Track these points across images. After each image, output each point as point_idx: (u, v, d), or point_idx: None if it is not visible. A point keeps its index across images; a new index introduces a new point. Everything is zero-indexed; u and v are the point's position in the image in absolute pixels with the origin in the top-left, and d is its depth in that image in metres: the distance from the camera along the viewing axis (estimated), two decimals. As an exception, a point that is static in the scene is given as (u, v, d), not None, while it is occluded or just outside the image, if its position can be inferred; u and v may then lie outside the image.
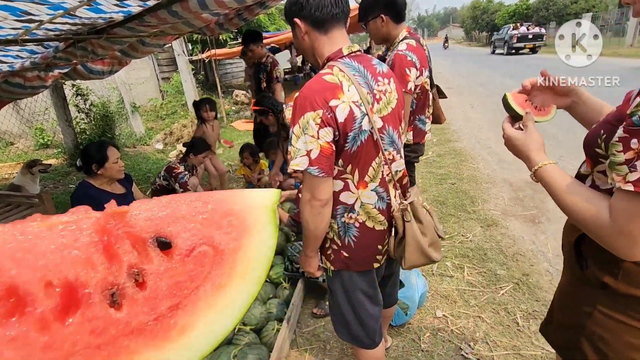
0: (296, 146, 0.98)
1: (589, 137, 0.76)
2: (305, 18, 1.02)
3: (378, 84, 1.09)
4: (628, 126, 0.60)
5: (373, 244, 1.15)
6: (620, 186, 0.61)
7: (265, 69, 3.73)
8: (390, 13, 1.81)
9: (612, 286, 0.75)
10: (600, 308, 0.78)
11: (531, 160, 0.79)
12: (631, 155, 0.59)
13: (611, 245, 0.66)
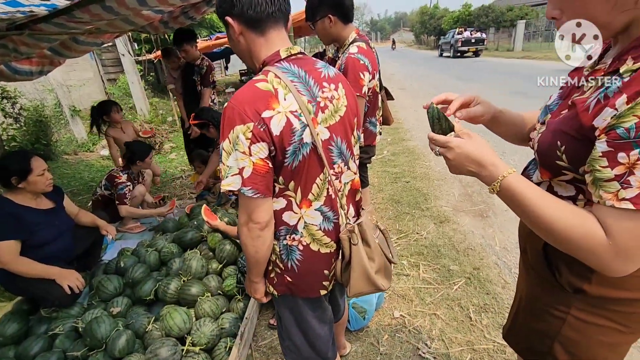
0: (227, 164, 0.87)
1: (543, 149, 0.72)
2: (238, 17, 0.92)
3: (323, 91, 0.98)
4: (613, 140, 0.56)
5: (318, 268, 1.06)
6: (613, 204, 0.57)
7: (200, 72, 3.53)
8: (338, 13, 1.79)
9: (587, 290, 0.74)
10: (574, 313, 0.77)
11: (491, 170, 0.68)
12: (622, 170, 0.55)
13: (604, 264, 0.61)
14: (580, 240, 0.61)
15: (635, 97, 0.54)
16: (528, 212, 0.65)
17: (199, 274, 2.07)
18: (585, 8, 0.59)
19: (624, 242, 0.57)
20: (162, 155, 5.87)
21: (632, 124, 0.53)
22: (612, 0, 0.57)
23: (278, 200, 0.97)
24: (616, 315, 0.74)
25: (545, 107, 0.84)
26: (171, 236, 2.57)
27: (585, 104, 0.64)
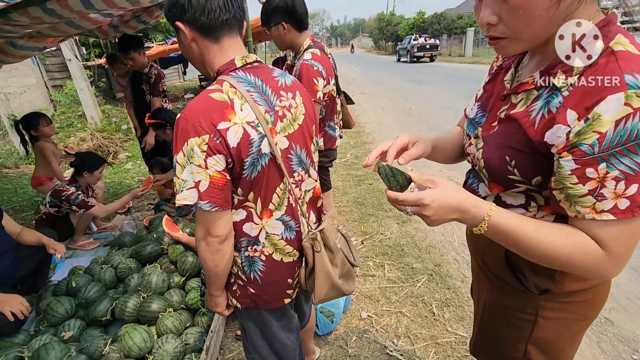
0: (181, 177, 0.84)
1: (493, 165, 0.71)
2: (190, 23, 0.88)
3: (280, 100, 0.97)
4: (579, 157, 0.57)
5: (282, 278, 1.05)
6: (594, 217, 0.59)
7: (149, 81, 3.40)
8: (292, 21, 1.81)
9: (552, 289, 0.76)
10: (542, 313, 0.79)
11: (474, 212, 0.65)
12: (593, 185, 0.57)
13: (605, 274, 0.62)
14: (582, 262, 0.61)
15: (585, 114, 0.56)
16: (520, 246, 0.64)
17: (160, 289, 1.98)
18: (527, 19, 0.59)
19: (618, 249, 0.60)
20: (117, 166, 5.55)
21: (594, 139, 0.55)
22: (550, 15, 0.58)
23: (238, 211, 0.96)
24: (575, 307, 0.78)
25: (469, 120, 0.84)
26: (128, 251, 2.43)
27: (530, 119, 0.65)
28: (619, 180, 0.55)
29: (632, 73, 0.53)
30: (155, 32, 11.95)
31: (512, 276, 0.80)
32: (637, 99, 0.52)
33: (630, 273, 2.29)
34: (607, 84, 0.54)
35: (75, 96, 7.58)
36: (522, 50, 0.65)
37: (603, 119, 0.54)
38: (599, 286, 0.76)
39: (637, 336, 1.82)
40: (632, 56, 0.56)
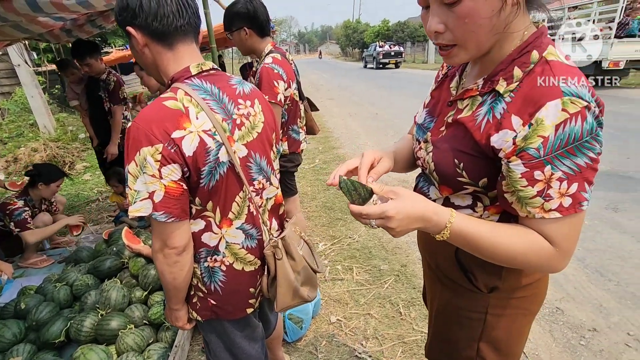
0: (134, 188, 0.81)
1: (443, 168, 0.74)
2: (142, 28, 0.86)
3: (238, 108, 0.96)
4: (528, 161, 0.60)
5: (243, 288, 1.04)
6: (543, 216, 0.62)
7: (107, 87, 3.27)
8: (254, 26, 1.84)
9: (500, 287, 0.79)
10: (492, 310, 0.81)
11: (436, 220, 0.66)
12: (541, 186, 0.61)
13: (555, 268, 0.67)
14: (536, 259, 0.65)
15: (529, 119, 0.59)
16: (481, 248, 0.67)
17: (120, 305, 1.89)
18: (472, 27, 0.61)
19: (565, 244, 0.64)
20: (74, 177, 5.24)
21: (539, 143, 0.58)
22: (492, 23, 0.61)
23: (196, 221, 0.94)
24: (521, 302, 0.82)
25: (418, 125, 0.88)
26: (86, 267, 2.30)
27: (476, 123, 0.68)
28: (562, 181, 0.59)
29: (566, 81, 0.58)
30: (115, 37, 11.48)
31: (463, 276, 0.83)
32: (572, 105, 0.57)
33: (577, 264, 2.47)
34: (545, 92, 0.59)
35: (25, 104, 7.10)
36: (469, 59, 0.69)
37: (545, 124, 0.58)
38: (540, 281, 0.81)
39: (583, 323, 1.97)
40: (562, 65, 0.61)
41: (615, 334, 1.88)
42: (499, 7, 0.59)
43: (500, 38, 0.65)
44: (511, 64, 0.66)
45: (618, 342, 1.82)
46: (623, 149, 4.59)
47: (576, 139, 0.57)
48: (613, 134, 5.27)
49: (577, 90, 0.57)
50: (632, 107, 6.93)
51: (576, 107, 0.56)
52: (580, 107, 0.57)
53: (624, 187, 3.56)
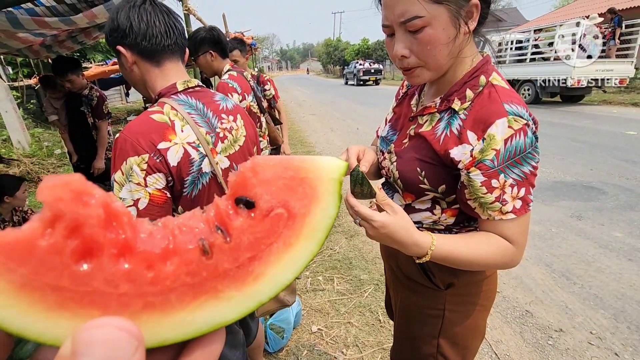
0: (119, 196, 0.85)
1: (407, 176, 0.81)
2: (131, 47, 0.91)
3: (222, 122, 1.03)
4: (485, 171, 0.69)
5: None
6: (502, 218, 0.72)
7: (90, 103, 3.28)
8: (217, 49, 2.13)
9: (455, 283, 0.86)
10: (449, 307, 0.87)
11: (415, 250, 0.71)
12: (498, 193, 0.70)
13: (515, 262, 0.76)
14: (501, 260, 0.74)
15: (482, 134, 0.69)
16: (459, 263, 0.74)
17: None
18: (433, 51, 0.70)
19: (521, 241, 0.74)
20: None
21: (493, 155, 0.68)
22: (449, 48, 0.71)
23: None
24: (475, 297, 0.89)
25: (382, 138, 0.96)
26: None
27: (436, 137, 0.77)
28: (514, 187, 0.70)
29: (509, 103, 0.70)
30: (94, 52, 11.40)
31: (422, 275, 0.90)
32: (515, 122, 0.68)
33: (545, 269, 2.60)
34: (494, 111, 0.70)
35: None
36: (430, 79, 0.78)
37: (496, 138, 0.68)
38: (490, 277, 0.89)
39: (551, 324, 2.08)
40: (505, 89, 0.74)
41: (580, 333, 1.99)
42: (454, 34, 0.70)
43: (454, 62, 0.76)
44: (463, 85, 0.76)
45: (582, 341, 1.94)
46: (586, 160, 4.89)
47: (521, 151, 0.68)
48: (578, 147, 5.60)
49: (518, 110, 0.69)
50: (594, 122, 7.40)
51: (519, 124, 0.68)
52: (522, 124, 0.68)
53: (587, 196, 3.79)
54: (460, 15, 0.69)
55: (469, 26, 0.71)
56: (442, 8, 0.67)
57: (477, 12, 0.70)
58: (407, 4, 0.67)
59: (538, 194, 3.90)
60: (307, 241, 0.30)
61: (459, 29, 0.70)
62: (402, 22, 0.69)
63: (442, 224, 0.84)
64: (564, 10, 18.61)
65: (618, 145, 5.54)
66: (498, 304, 2.28)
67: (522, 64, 10.82)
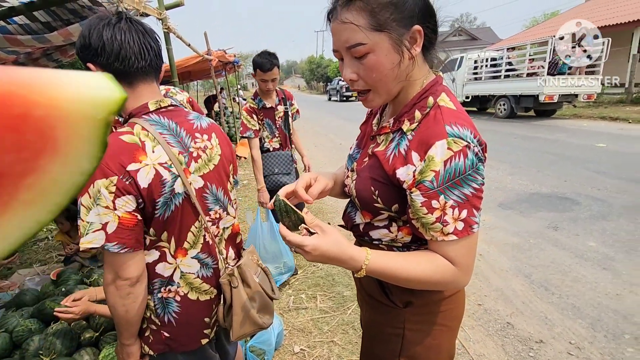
0: (86, 220, 0.82)
1: (362, 195, 0.82)
2: (103, 67, 0.89)
3: (195, 141, 1.01)
4: (425, 192, 0.69)
5: (198, 318, 1.04)
6: (443, 239, 0.71)
7: None
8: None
9: (414, 301, 0.85)
10: (408, 326, 0.86)
11: (351, 264, 0.73)
12: (438, 213, 0.69)
13: (458, 285, 0.75)
14: (442, 280, 0.73)
15: (424, 156, 0.70)
16: (396, 280, 0.74)
17: (68, 349, 1.77)
18: (379, 76, 0.73)
19: (464, 263, 0.73)
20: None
21: (432, 177, 0.68)
22: (395, 73, 0.74)
23: (150, 252, 0.95)
24: (437, 317, 0.86)
25: (349, 155, 0.98)
26: (29, 310, 2.14)
27: (386, 156, 0.79)
28: (454, 208, 0.70)
29: (450, 124, 0.70)
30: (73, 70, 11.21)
31: (381, 292, 0.89)
32: (455, 144, 0.68)
33: (524, 280, 2.64)
34: (434, 133, 0.71)
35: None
36: (383, 102, 0.81)
37: (435, 160, 0.69)
38: (454, 297, 0.88)
39: (532, 335, 2.10)
40: (450, 111, 0.74)
41: (559, 343, 2.02)
42: (398, 60, 0.73)
43: (405, 85, 0.78)
44: (413, 107, 0.78)
45: (562, 352, 1.96)
46: (560, 172, 5.07)
47: (461, 172, 0.69)
48: (552, 159, 5.81)
49: (459, 132, 0.69)
50: (566, 136, 7.71)
51: (458, 146, 0.68)
52: (462, 146, 0.68)
53: (562, 207, 3.90)
54: (402, 42, 0.72)
55: (413, 51, 0.73)
56: (383, 35, 0.70)
57: (420, 37, 0.73)
58: (350, 31, 0.71)
59: (516, 206, 4.01)
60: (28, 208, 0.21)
61: (402, 55, 0.72)
62: (348, 48, 0.73)
63: (400, 242, 0.84)
64: (534, 30, 19.62)
65: (589, 157, 5.78)
66: (480, 317, 2.29)
67: (498, 80, 11.27)
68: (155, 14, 3.23)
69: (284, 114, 2.70)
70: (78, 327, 1.96)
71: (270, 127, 2.69)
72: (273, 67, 2.45)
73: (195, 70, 8.29)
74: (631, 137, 7.14)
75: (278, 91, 2.68)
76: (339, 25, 0.73)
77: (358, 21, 0.70)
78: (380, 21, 0.70)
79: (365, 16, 0.70)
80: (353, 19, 0.70)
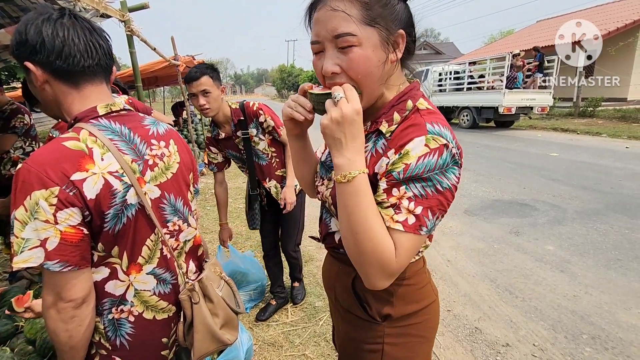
0: (21, 236, 0.73)
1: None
2: (43, 65, 0.80)
3: (151, 148, 0.94)
4: (390, 180, 0.69)
5: (155, 338, 0.96)
6: (390, 225, 0.68)
7: (2, 117, 2.99)
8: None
9: (392, 314, 0.82)
10: (387, 340, 0.84)
11: (358, 159, 0.69)
12: (394, 200, 0.69)
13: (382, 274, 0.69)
14: (378, 252, 0.66)
15: (400, 149, 0.69)
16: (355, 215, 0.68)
17: (9, 379, 1.59)
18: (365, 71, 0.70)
19: (401, 258, 0.68)
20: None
21: (402, 169, 0.68)
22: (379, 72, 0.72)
23: (98, 269, 0.86)
24: (414, 329, 0.85)
25: (322, 162, 0.94)
26: (-35, 336, 1.91)
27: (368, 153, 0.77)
28: (411, 201, 0.68)
29: (431, 123, 0.70)
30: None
31: (359, 307, 0.86)
32: (433, 141, 0.68)
33: (490, 284, 2.73)
34: (415, 130, 0.70)
35: None
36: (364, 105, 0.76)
37: (410, 154, 0.68)
38: (429, 307, 0.87)
39: (498, 339, 2.15)
40: (430, 111, 0.75)
41: (524, 346, 2.08)
42: (384, 58, 0.72)
43: (384, 89, 0.78)
44: (391, 109, 0.78)
45: (527, 354, 2.02)
46: (520, 180, 5.35)
47: (429, 169, 0.67)
48: (512, 167, 6.13)
49: (440, 130, 0.69)
50: (524, 145, 8.20)
51: (436, 144, 0.67)
52: (440, 144, 0.68)
53: (522, 213, 4.11)
54: (390, 41, 0.71)
55: (396, 54, 0.73)
56: (373, 30, 0.69)
57: (402, 42, 0.73)
58: (340, 20, 0.68)
59: (480, 212, 4.17)
60: None
61: (388, 54, 0.72)
62: (335, 37, 0.69)
63: None
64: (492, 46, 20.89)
65: (544, 165, 6.16)
66: (449, 323, 2.32)
67: (461, 93, 11.85)
68: (118, 15, 3.08)
69: (244, 141, 2.09)
70: (23, 352, 1.77)
71: (238, 157, 2.22)
72: (201, 76, 1.88)
73: (162, 75, 8.03)
74: (580, 147, 7.72)
75: (233, 111, 2.06)
76: (327, 12, 0.69)
77: (350, 11, 0.68)
78: (373, 15, 0.69)
79: (358, 7, 0.68)
80: (345, 8, 0.68)
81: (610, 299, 2.48)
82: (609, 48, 11.87)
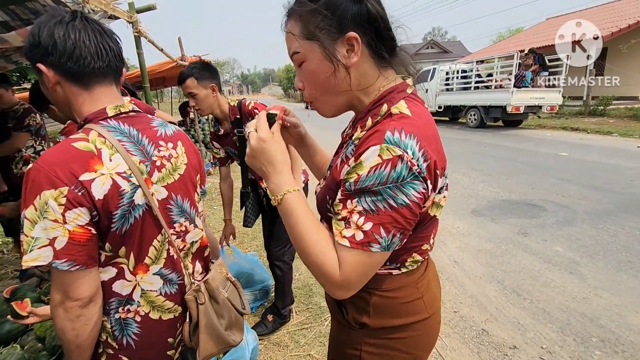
0: (31, 235, 0.74)
1: (319, 202, 0.81)
2: (54, 67, 0.82)
3: (159, 150, 0.95)
4: (343, 191, 0.68)
5: (161, 338, 0.97)
6: (337, 240, 0.67)
7: (15, 116, 3.01)
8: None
9: (369, 324, 0.80)
10: (365, 348, 0.82)
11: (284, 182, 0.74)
12: (345, 214, 0.66)
13: (330, 288, 0.70)
14: (321, 268, 0.68)
15: (358, 158, 0.66)
16: (292, 229, 0.71)
17: (20, 376, 1.61)
18: (315, 85, 0.75)
19: (346, 273, 0.66)
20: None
21: (354, 179, 0.65)
22: (331, 83, 0.73)
23: (105, 269, 0.87)
24: (397, 343, 0.82)
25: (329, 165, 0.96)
26: (-23, 333, 1.95)
27: (336, 163, 0.78)
28: (361, 215, 0.64)
29: (393, 131, 0.64)
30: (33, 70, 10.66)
31: (338, 310, 0.86)
32: (387, 152, 0.62)
33: (497, 286, 2.70)
34: (374, 138, 0.66)
35: None
36: (333, 113, 0.82)
37: (364, 164, 0.65)
38: (420, 323, 0.82)
39: (505, 341, 2.13)
40: (402, 117, 0.67)
41: (532, 348, 2.06)
42: (331, 70, 0.72)
43: (359, 94, 0.77)
44: (367, 114, 0.76)
45: (535, 357, 2.00)
46: (528, 180, 5.28)
47: (381, 183, 0.62)
48: (520, 167, 6.06)
49: (399, 139, 0.63)
50: (532, 145, 8.09)
51: (389, 155, 0.62)
52: (394, 155, 0.62)
53: (531, 213, 4.06)
54: (333, 52, 0.70)
55: (350, 60, 0.71)
56: (314, 44, 0.71)
57: (358, 44, 0.70)
58: (290, 41, 0.74)
59: (488, 213, 4.12)
60: None
61: (336, 64, 0.71)
62: (291, 57, 0.76)
63: None
64: (500, 45, 20.66)
65: (554, 165, 6.08)
66: (456, 325, 2.30)
67: (468, 92, 11.73)
68: (126, 16, 3.11)
69: (240, 139, 2.09)
70: (32, 350, 1.80)
71: (236, 155, 2.22)
72: (185, 79, 1.89)
73: (169, 76, 8.08)
74: (590, 146, 7.59)
75: (231, 108, 2.07)
76: (285, 35, 0.76)
77: (294, 29, 0.72)
78: (310, 29, 0.71)
79: (299, 24, 0.72)
80: (291, 28, 0.73)
81: (621, 301, 2.43)
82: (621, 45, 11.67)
